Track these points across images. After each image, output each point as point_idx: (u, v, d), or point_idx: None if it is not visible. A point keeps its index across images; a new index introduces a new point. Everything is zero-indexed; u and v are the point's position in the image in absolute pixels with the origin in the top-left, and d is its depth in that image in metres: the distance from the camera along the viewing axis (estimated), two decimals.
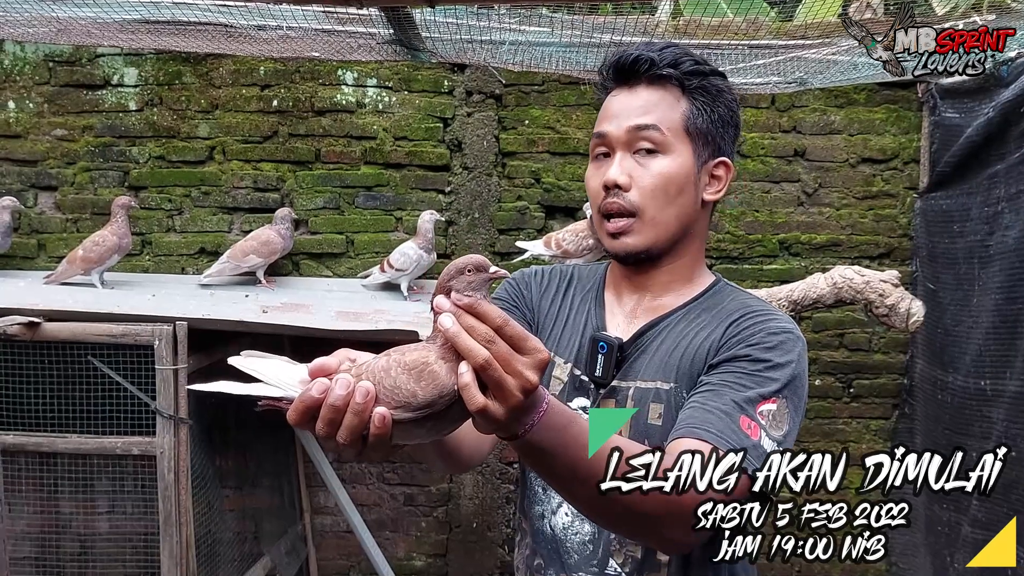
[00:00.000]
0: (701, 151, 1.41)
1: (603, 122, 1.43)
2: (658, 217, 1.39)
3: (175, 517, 3.02)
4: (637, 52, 1.40)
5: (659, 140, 1.38)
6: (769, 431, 1.24)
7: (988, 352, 3.26)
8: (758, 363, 1.29)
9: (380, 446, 1.00)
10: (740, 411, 1.23)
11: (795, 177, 3.98)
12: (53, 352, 3.09)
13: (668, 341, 1.39)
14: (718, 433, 1.20)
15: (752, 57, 3.09)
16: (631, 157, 1.39)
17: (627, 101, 1.41)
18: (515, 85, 3.92)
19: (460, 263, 1.05)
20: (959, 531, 3.40)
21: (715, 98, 1.42)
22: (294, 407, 0.99)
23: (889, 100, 3.93)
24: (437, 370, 1.01)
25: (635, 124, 1.38)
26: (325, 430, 0.98)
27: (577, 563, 1.41)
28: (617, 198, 1.38)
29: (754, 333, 1.33)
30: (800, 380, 1.32)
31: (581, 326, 1.48)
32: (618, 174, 1.38)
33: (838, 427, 4.04)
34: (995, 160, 3.30)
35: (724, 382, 1.28)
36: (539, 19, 2.91)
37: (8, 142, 3.90)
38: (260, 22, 2.88)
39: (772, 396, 1.26)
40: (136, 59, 3.88)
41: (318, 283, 3.92)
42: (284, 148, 3.93)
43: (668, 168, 1.38)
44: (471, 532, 4.05)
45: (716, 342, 1.34)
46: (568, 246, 3.46)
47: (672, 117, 1.39)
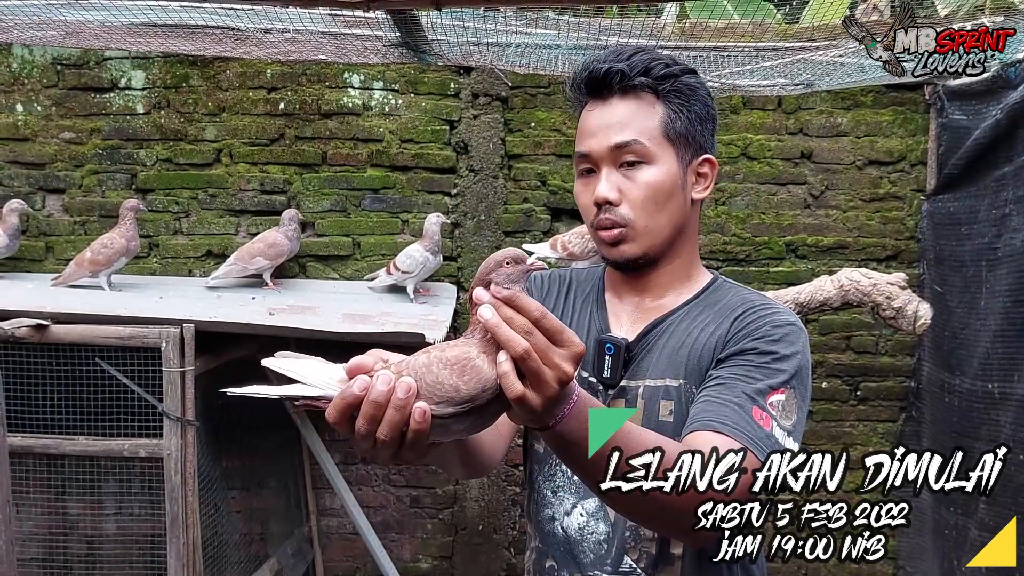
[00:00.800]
0: (684, 153, 1.42)
1: (584, 140, 1.44)
2: (650, 225, 1.41)
3: (182, 518, 3.04)
4: (607, 64, 1.40)
5: (642, 152, 1.39)
6: (780, 421, 1.27)
7: (996, 355, 3.24)
8: (765, 355, 1.31)
9: (418, 443, 1.00)
10: (752, 402, 1.26)
11: (802, 179, 3.97)
12: (61, 354, 3.11)
13: (674, 339, 1.41)
14: (733, 425, 1.23)
15: (759, 59, 3.09)
16: (617, 172, 1.40)
17: (604, 116, 1.41)
18: (521, 87, 3.93)
19: (499, 256, 1.07)
20: (966, 534, 3.39)
21: (689, 97, 1.42)
22: (335, 404, 1.00)
23: (896, 102, 3.92)
24: (480, 364, 1.03)
25: (616, 143, 1.39)
26: (366, 427, 0.99)
27: (593, 562, 1.42)
28: (609, 214, 1.40)
29: (759, 327, 1.35)
30: (805, 370, 1.35)
31: (584, 329, 1.49)
32: (607, 191, 1.39)
33: (845, 430, 4.03)
34: (1003, 162, 3.29)
35: (734, 375, 1.30)
36: (545, 21, 2.91)
37: (16, 145, 3.92)
38: (267, 25, 2.90)
39: (781, 387, 1.29)
40: (143, 62, 3.90)
41: (324, 285, 3.94)
42: (291, 151, 3.95)
43: (655, 177, 1.39)
44: (477, 534, 4.06)
45: (723, 337, 1.36)
46: (574, 248, 3.47)
47: (650, 126, 1.40)
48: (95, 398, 3.15)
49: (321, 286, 3.92)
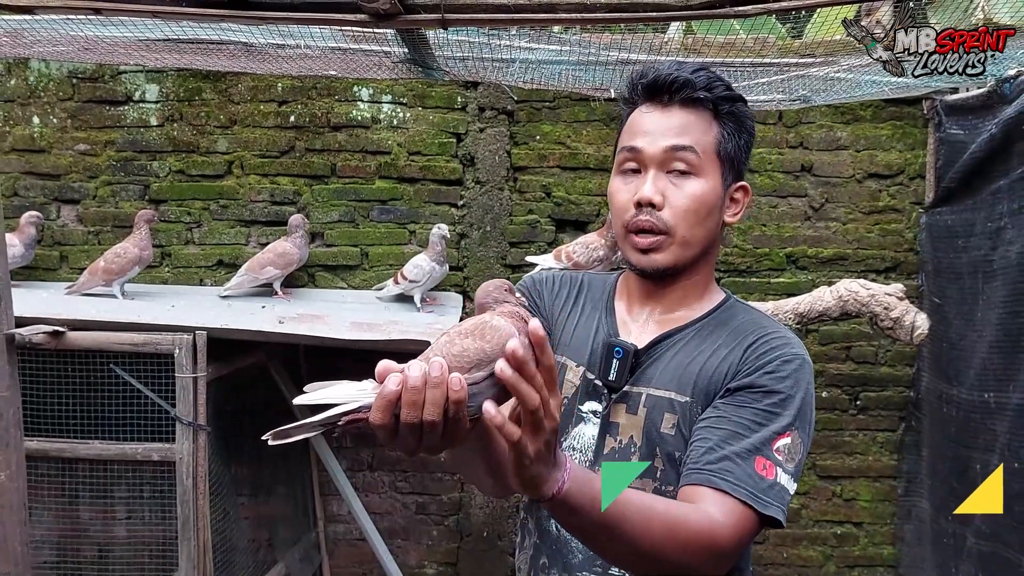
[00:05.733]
0: (727, 175, 1.45)
1: (635, 137, 1.44)
2: (687, 237, 1.42)
3: (193, 521, 3.09)
4: (674, 73, 1.42)
5: (694, 162, 1.41)
6: (784, 465, 1.32)
7: (992, 365, 3.29)
8: (772, 395, 1.35)
9: (460, 418, 1.03)
10: (756, 453, 1.30)
11: (802, 192, 4.03)
12: (76, 360, 3.17)
13: (683, 354, 1.44)
14: (735, 481, 1.27)
15: (756, 75, 3.15)
16: (664, 176, 1.42)
17: (661, 120, 1.42)
18: (527, 101, 4.00)
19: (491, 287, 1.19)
20: (964, 543, 3.43)
21: (741, 124, 1.46)
22: (376, 405, 1.02)
23: (895, 116, 3.99)
24: (496, 323, 1.10)
25: (672, 144, 1.40)
26: (411, 414, 1.01)
27: (581, 563, 1.45)
28: (650, 216, 1.41)
29: (770, 360, 1.37)
30: (809, 406, 1.39)
31: (592, 332, 1.52)
32: (653, 193, 1.40)
33: (845, 439, 4.08)
34: (998, 176, 3.34)
35: (740, 419, 1.33)
36: (548, 39, 2.98)
37: (32, 156, 4.00)
38: (279, 41, 2.96)
39: (786, 430, 1.33)
40: (157, 76, 3.99)
41: (333, 295, 4.00)
42: (301, 162, 4.02)
43: (701, 190, 1.41)
44: (481, 540, 4.11)
45: (734, 364, 1.39)
46: (579, 258, 3.50)
47: (706, 140, 1.42)
48: (109, 403, 3.21)
49: (330, 295, 3.99)
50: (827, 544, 4.13)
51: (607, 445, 1.44)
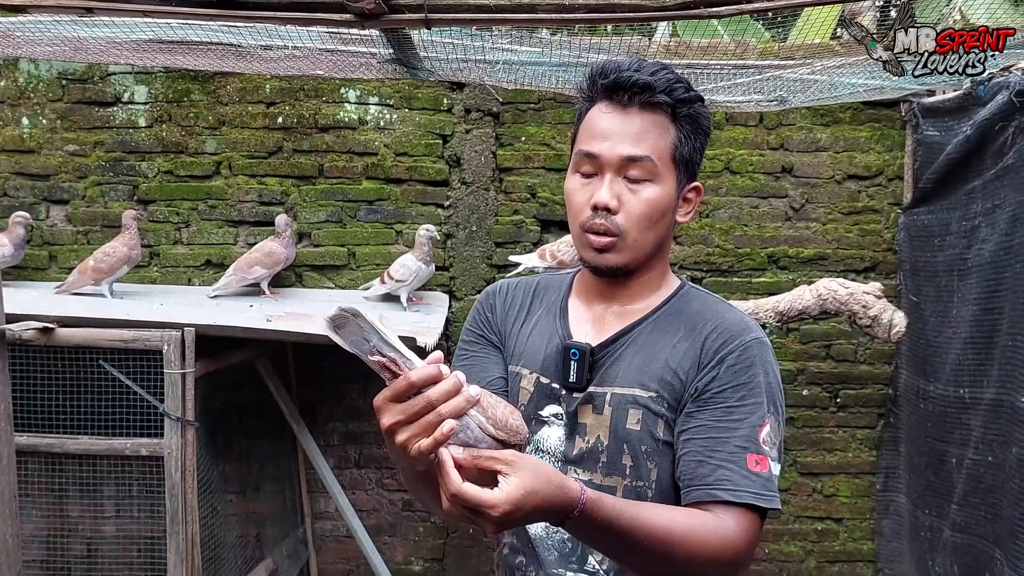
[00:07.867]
0: (682, 177, 1.47)
1: (593, 140, 1.44)
2: (640, 240, 1.45)
3: (181, 515, 3.12)
4: (635, 76, 1.41)
5: (650, 170, 1.42)
6: (771, 453, 1.37)
7: (966, 361, 3.35)
8: (740, 388, 1.39)
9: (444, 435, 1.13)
10: (745, 451, 1.35)
11: (783, 193, 4.10)
12: (66, 357, 3.20)
13: (644, 351, 1.47)
14: (734, 488, 1.33)
15: (735, 76, 3.21)
16: (620, 181, 1.43)
17: (620, 124, 1.42)
18: (512, 103, 4.05)
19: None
20: (940, 536, 3.49)
21: (698, 125, 1.47)
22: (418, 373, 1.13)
23: (873, 119, 4.05)
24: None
25: (630, 155, 1.41)
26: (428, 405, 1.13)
27: (557, 560, 1.48)
28: (604, 220, 1.42)
29: (730, 351, 1.41)
30: (776, 385, 1.43)
31: (546, 337, 1.54)
32: (609, 198, 1.41)
33: (825, 436, 4.14)
34: (973, 176, 3.39)
35: (719, 422, 1.38)
36: (529, 39, 3.03)
37: (22, 157, 4.03)
38: (267, 41, 3.00)
39: (764, 420, 1.38)
40: (146, 77, 4.02)
41: (320, 294, 4.03)
42: (288, 163, 4.06)
43: (656, 196, 1.43)
44: (467, 537, 4.15)
45: (695, 357, 1.43)
46: (563, 256, 3.53)
47: (662, 146, 1.42)
48: (98, 399, 3.24)
49: (317, 295, 4.02)
50: (808, 539, 4.19)
51: (576, 446, 1.47)
